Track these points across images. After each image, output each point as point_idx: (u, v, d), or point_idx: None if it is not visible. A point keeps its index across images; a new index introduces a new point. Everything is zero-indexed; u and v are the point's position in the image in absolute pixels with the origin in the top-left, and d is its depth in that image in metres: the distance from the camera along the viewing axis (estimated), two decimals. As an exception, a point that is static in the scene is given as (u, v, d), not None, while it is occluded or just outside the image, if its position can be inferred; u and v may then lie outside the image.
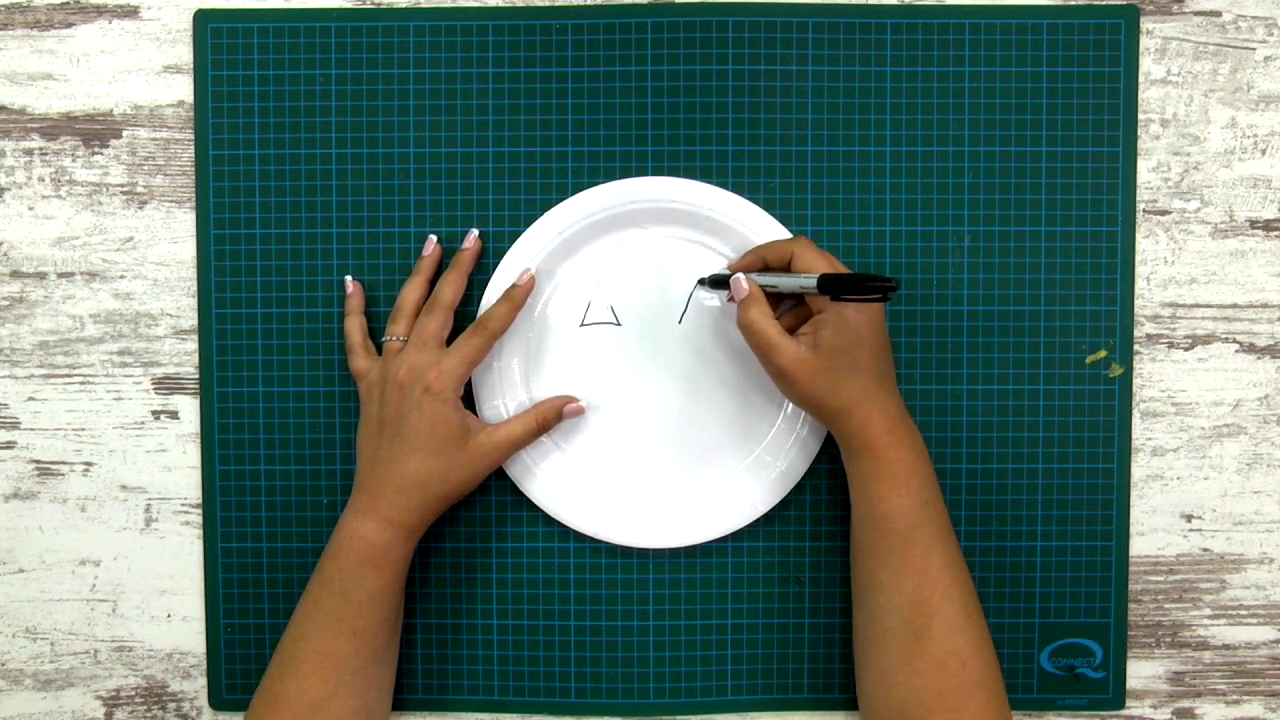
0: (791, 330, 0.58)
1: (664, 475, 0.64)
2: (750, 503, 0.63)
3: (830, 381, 0.56)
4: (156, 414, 0.65)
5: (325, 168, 0.63)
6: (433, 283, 0.63)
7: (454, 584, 0.64)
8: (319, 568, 0.59)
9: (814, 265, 0.56)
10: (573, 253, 0.63)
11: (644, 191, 0.62)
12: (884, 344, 0.58)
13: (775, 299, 0.59)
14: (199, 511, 0.65)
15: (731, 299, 0.58)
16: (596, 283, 0.63)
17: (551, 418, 0.62)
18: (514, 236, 0.63)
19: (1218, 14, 0.63)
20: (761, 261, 0.59)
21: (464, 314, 0.62)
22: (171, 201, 0.64)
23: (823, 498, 0.64)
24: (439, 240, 0.63)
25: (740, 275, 0.58)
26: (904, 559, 0.56)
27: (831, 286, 0.53)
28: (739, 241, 0.62)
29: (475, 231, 0.62)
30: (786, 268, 0.57)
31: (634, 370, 0.64)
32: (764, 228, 0.62)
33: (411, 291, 0.62)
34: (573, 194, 0.63)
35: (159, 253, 0.64)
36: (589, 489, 0.64)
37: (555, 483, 0.63)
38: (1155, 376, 0.64)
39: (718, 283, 0.61)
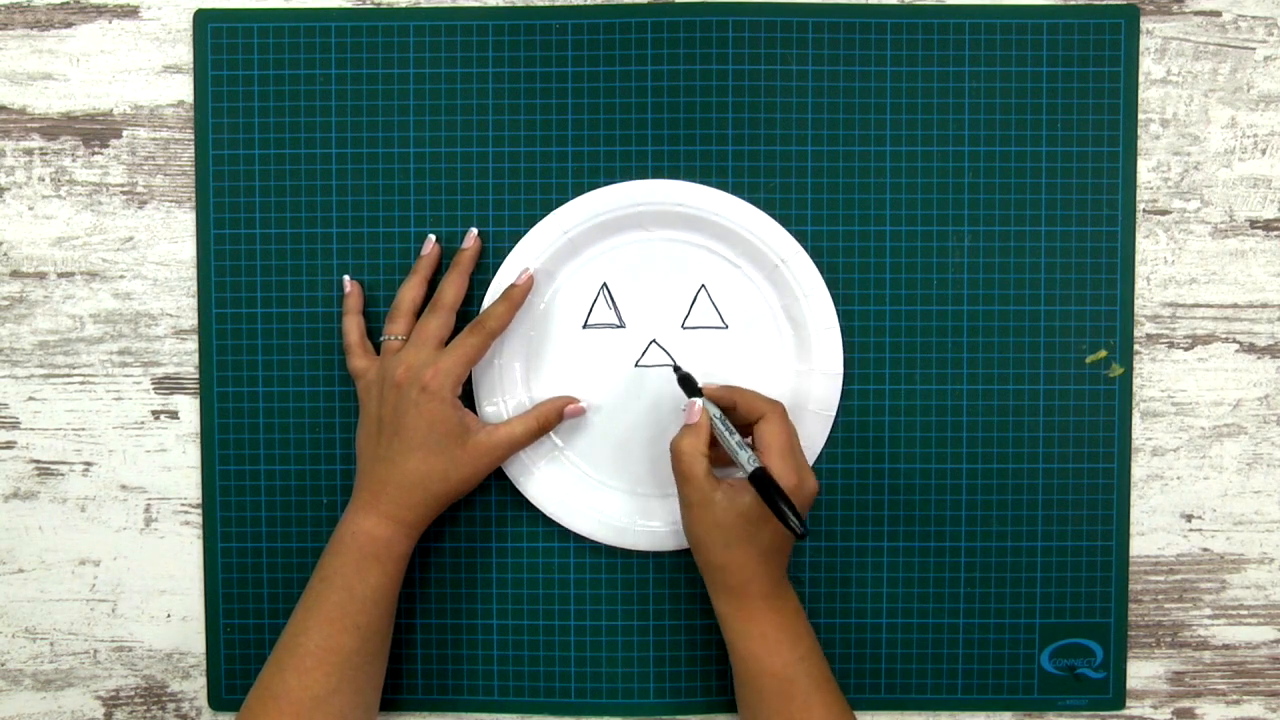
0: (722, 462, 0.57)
1: (664, 476, 0.64)
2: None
3: (724, 538, 0.55)
4: (156, 414, 0.65)
5: (325, 168, 0.63)
6: (431, 282, 0.63)
7: (454, 584, 0.64)
8: (320, 565, 0.59)
9: (771, 439, 0.56)
10: (576, 254, 0.63)
11: (649, 194, 0.62)
12: (790, 537, 0.57)
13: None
14: (199, 511, 0.65)
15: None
16: (600, 284, 0.64)
17: (552, 418, 0.62)
18: (514, 236, 0.63)
19: (1218, 14, 0.63)
20: (733, 403, 0.58)
21: (466, 314, 0.62)
22: (171, 201, 0.64)
23: (822, 498, 0.64)
24: (438, 240, 0.63)
25: (699, 402, 0.58)
26: (784, 714, 0.56)
27: (761, 487, 0.53)
28: (743, 247, 0.62)
29: (475, 231, 0.62)
30: (752, 423, 0.57)
31: (635, 372, 0.64)
32: (768, 234, 0.62)
33: (409, 291, 0.62)
34: (573, 194, 0.63)
35: (159, 253, 0.64)
36: (589, 489, 0.64)
37: (555, 483, 0.63)
38: (1155, 376, 0.64)
39: (686, 381, 0.60)
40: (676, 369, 0.62)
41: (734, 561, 0.56)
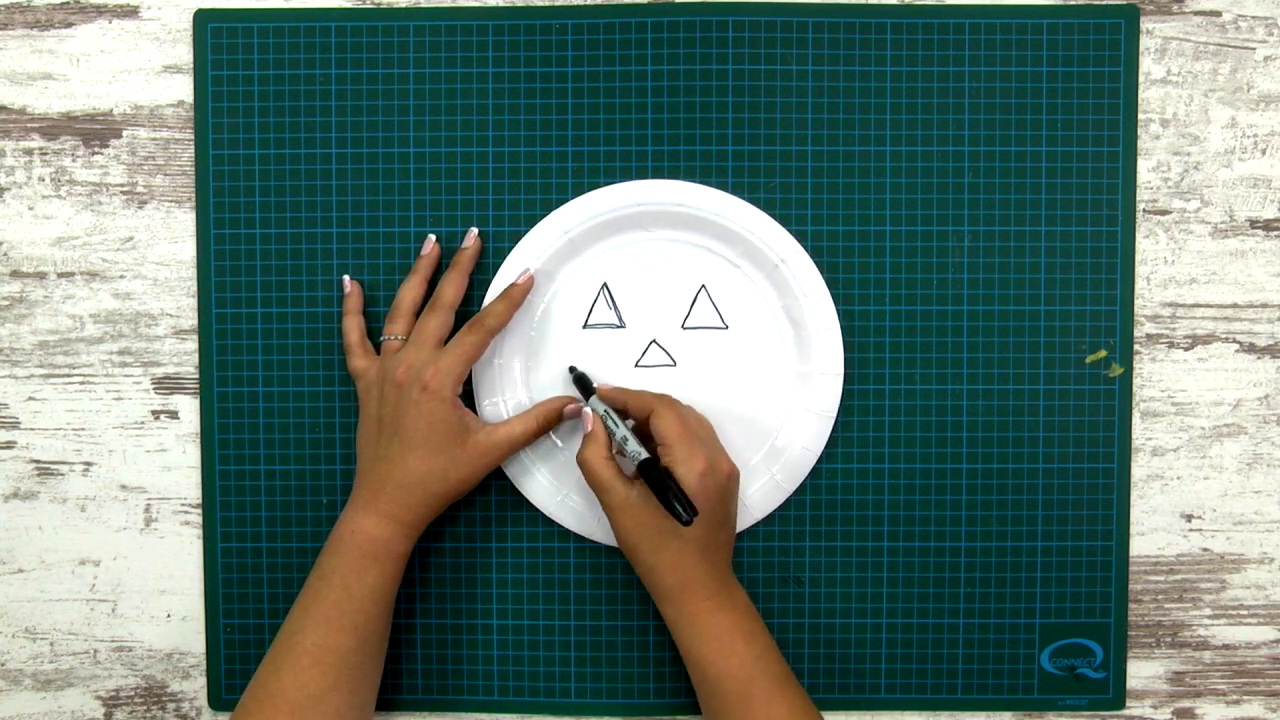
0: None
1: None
2: (750, 504, 0.63)
3: (650, 537, 0.55)
4: (156, 414, 0.65)
5: (325, 168, 0.63)
6: (431, 282, 0.63)
7: (454, 584, 0.64)
8: (318, 563, 0.59)
9: (665, 430, 0.55)
10: (577, 253, 0.63)
11: (649, 194, 0.62)
12: (721, 517, 0.56)
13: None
14: (199, 511, 0.65)
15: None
16: (600, 284, 0.64)
17: (552, 418, 0.62)
18: (514, 236, 0.63)
19: (1218, 14, 0.63)
20: (624, 404, 0.59)
21: (466, 314, 0.62)
22: (171, 201, 0.64)
23: (822, 498, 0.64)
24: (438, 240, 0.63)
25: (590, 408, 0.58)
26: (747, 715, 0.55)
27: (647, 475, 0.53)
28: (743, 247, 0.62)
29: (475, 230, 0.62)
30: (646, 420, 0.57)
31: (635, 372, 0.64)
32: (768, 234, 0.62)
33: (409, 291, 0.62)
34: (573, 194, 0.63)
35: (159, 253, 0.64)
36: (589, 491, 0.63)
37: (555, 483, 0.63)
38: (1155, 376, 0.64)
39: (580, 381, 0.61)
40: (572, 369, 0.62)
41: (667, 562, 0.55)
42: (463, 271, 0.62)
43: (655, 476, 0.53)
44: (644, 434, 0.58)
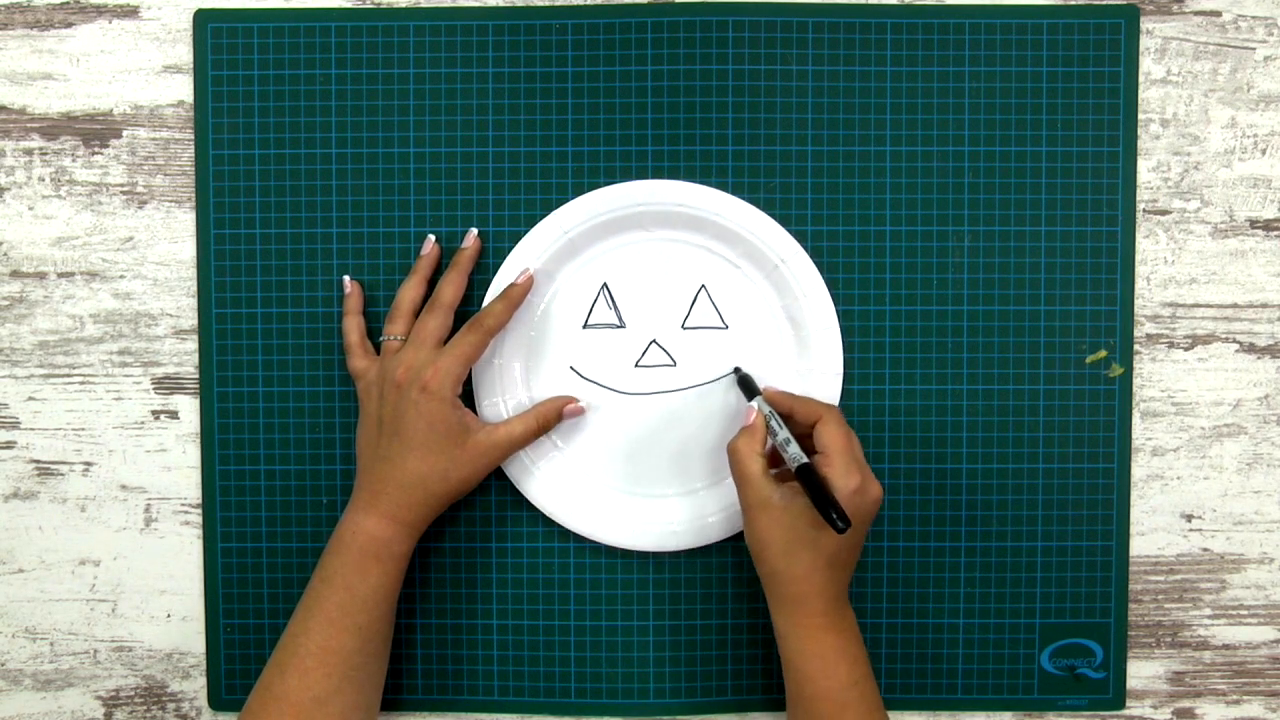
0: (786, 475, 0.57)
1: (664, 477, 0.64)
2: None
3: (784, 540, 0.54)
4: (156, 414, 0.65)
5: (325, 168, 0.63)
6: (431, 282, 0.63)
7: (454, 584, 0.64)
8: (320, 565, 0.59)
9: (829, 441, 0.55)
10: (577, 253, 0.63)
11: (649, 194, 0.62)
12: (858, 539, 0.56)
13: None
14: (199, 511, 0.65)
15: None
16: (600, 284, 0.64)
17: (552, 418, 0.62)
18: (513, 236, 0.63)
19: (1218, 14, 0.63)
20: (789, 409, 0.58)
21: (466, 314, 0.62)
22: (171, 201, 0.64)
23: (823, 498, 0.64)
24: (438, 240, 0.63)
25: (756, 406, 0.58)
26: None
27: (807, 481, 0.53)
28: (743, 247, 0.62)
29: (475, 231, 0.62)
30: (810, 427, 0.57)
31: (635, 372, 0.64)
32: (768, 234, 0.62)
33: (409, 291, 0.62)
34: (573, 194, 0.63)
35: (159, 253, 0.64)
36: (588, 490, 0.64)
37: (554, 483, 0.63)
38: (1155, 376, 0.64)
39: (745, 384, 0.61)
40: (737, 370, 0.62)
41: (795, 570, 0.55)
42: (462, 272, 0.62)
43: (815, 482, 0.53)
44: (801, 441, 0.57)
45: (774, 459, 0.57)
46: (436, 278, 0.63)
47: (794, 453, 0.55)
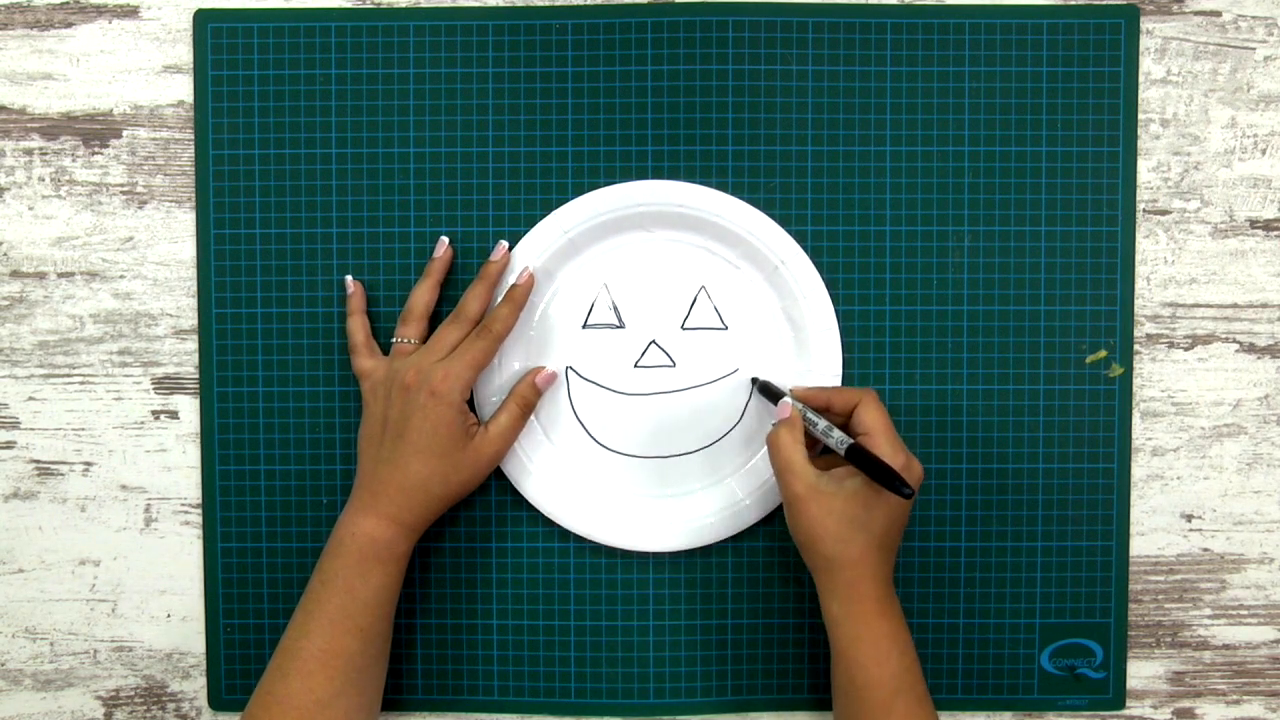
0: (825, 466, 0.57)
1: (664, 477, 0.64)
2: (751, 505, 0.63)
3: (836, 525, 0.55)
4: (156, 414, 0.65)
5: (325, 168, 0.63)
6: (442, 285, 0.62)
7: (454, 584, 0.64)
8: (319, 567, 0.59)
9: (871, 422, 0.56)
10: (577, 254, 0.63)
11: (650, 194, 0.62)
12: (905, 520, 0.57)
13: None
14: (199, 511, 0.65)
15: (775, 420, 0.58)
16: (600, 284, 0.64)
17: (530, 395, 0.61)
18: (513, 236, 0.63)
19: (1218, 14, 0.63)
20: (826, 403, 0.58)
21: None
22: (171, 201, 0.64)
23: (823, 498, 0.64)
24: (451, 242, 0.63)
25: (790, 400, 0.58)
26: None
27: (858, 459, 0.54)
28: (743, 248, 0.62)
29: (505, 243, 0.62)
30: (848, 416, 0.57)
31: (635, 373, 0.64)
32: (768, 235, 0.62)
33: (422, 294, 0.62)
34: (573, 194, 0.63)
35: (159, 253, 0.64)
36: (588, 491, 0.64)
37: (553, 483, 0.63)
38: (1155, 376, 0.64)
39: (766, 390, 0.61)
40: (755, 380, 0.62)
41: (850, 554, 0.55)
42: (488, 286, 0.61)
43: (870, 458, 0.53)
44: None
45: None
46: (448, 279, 0.62)
47: (839, 437, 0.55)
